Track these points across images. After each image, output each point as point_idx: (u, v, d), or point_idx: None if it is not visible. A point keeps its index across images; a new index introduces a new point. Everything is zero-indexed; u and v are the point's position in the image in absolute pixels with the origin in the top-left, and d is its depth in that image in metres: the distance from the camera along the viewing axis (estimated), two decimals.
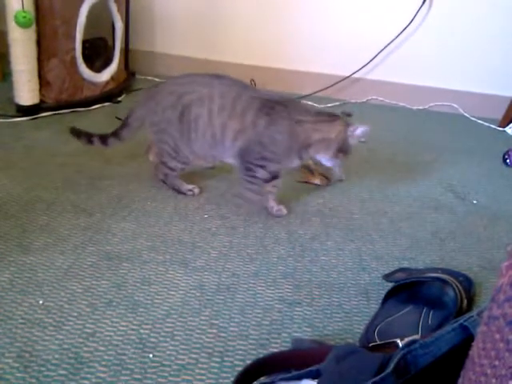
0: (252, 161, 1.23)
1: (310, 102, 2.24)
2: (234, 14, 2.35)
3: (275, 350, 0.88)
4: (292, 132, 1.21)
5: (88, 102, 1.94)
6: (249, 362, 0.79)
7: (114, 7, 2.02)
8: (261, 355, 0.84)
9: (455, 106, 2.33)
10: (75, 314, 0.92)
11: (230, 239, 1.20)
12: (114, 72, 2.08)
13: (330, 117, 1.24)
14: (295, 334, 0.92)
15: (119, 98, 2.09)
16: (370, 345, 0.81)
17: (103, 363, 0.82)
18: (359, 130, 1.20)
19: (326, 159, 1.26)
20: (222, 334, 0.91)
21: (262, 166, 1.23)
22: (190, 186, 1.38)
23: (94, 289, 0.99)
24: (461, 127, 2.19)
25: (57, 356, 0.82)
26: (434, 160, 1.78)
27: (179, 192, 1.38)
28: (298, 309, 0.99)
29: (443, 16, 2.21)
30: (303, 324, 0.95)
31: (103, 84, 2.01)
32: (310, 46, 2.34)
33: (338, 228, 1.29)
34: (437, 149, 1.89)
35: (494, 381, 0.39)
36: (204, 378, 0.81)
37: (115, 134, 1.35)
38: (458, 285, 1.01)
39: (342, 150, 1.23)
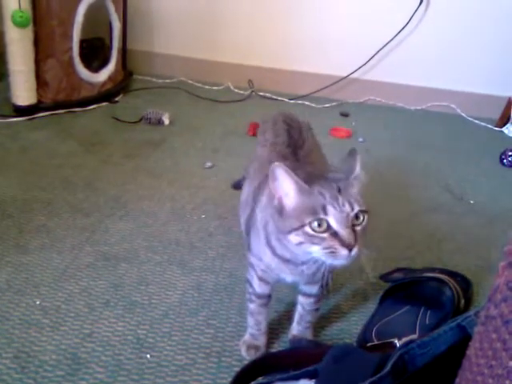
0: None
1: (307, 103, 2.25)
2: (232, 15, 2.35)
3: (273, 350, 0.88)
4: None
5: (85, 102, 1.94)
6: (246, 362, 0.79)
7: (111, 7, 2.02)
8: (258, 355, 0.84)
9: (452, 106, 2.33)
10: (72, 315, 0.91)
11: (228, 239, 1.19)
12: (112, 72, 2.07)
13: None
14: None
15: (116, 98, 2.08)
16: (368, 345, 0.81)
17: (101, 364, 0.82)
18: None
19: None
20: (220, 334, 0.91)
21: None
22: None
23: (92, 289, 0.99)
24: (458, 127, 2.19)
25: (54, 357, 0.82)
26: (432, 160, 1.78)
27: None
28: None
29: (440, 16, 2.21)
30: None
31: (100, 84, 2.01)
32: (308, 47, 2.34)
33: None
34: (434, 149, 1.89)
35: (490, 381, 0.39)
36: (201, 378, 0.81)
37: None
38: (456, 284, 1.01)
39: None
